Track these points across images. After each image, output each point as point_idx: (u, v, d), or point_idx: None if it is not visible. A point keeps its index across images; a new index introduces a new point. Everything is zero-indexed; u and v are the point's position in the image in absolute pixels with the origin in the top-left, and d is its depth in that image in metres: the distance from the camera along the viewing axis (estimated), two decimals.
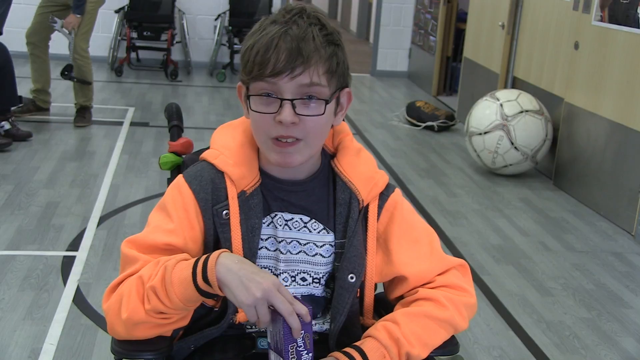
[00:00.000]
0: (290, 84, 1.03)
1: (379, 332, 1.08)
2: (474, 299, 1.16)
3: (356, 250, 1.12)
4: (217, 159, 1.12)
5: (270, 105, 1.05)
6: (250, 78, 1.05)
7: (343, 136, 1.19)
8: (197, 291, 1.00)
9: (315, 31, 1.04)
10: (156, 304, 1.00)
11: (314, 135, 1.07)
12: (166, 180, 1.33)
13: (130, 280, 1.04)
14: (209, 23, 6.67)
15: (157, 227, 1.09)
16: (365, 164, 1.16)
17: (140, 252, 1.07)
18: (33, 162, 3.74)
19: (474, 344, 2.27)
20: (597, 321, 2.50)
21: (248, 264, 1.01)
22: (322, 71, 1.04)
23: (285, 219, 1.13)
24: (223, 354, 1.12)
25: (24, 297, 2.36)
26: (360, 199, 1.14)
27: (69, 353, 2.07)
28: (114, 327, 1.06)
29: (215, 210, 1.09)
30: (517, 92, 4.05)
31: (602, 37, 3.57)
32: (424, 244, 1.16)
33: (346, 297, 1.11)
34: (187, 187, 1.10)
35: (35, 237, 2.84)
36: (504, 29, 4.69)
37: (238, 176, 1.10)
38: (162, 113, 4.95)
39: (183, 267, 1.01)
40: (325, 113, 1.06)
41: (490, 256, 3.00)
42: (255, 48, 1.04)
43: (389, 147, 4.56)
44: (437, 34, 6.25)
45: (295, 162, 1.08)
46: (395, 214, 1.16)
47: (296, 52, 1.01)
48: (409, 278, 1.14)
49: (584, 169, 3.73)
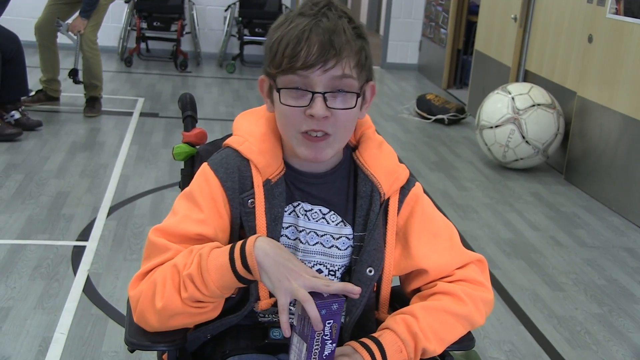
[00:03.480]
0: (322, 77, 1.01)
1: (398, 325, 1.07)
2: (491, 295, 1.16)
3: (376, 243, 1.11)
4: (242, 145, 1.11)
5: (300, 98, 1.03)
6: (279, 71, 1.03)
7: (365, 128, 1.18)
8: (236, 277, 0.99)
9: (345, 24, 1.03)
10: (193, 292, 0.99)
11: (344, 129, 1.07)
12: (179, 170, 1.32)
13: (164, 269, 1.03)
14: (218, 14, 6.65)
15: (186, 217, 1.07)
16: (387, 158, 1.15)
17: (170, 242, 1.06)
18: (43, 152, 3.74)
19: (485, 339, 2.26)
20: (608, 317, 2.48)
21: (284, 250, 1.01)
22: (352, 64, 1.03)
23: (305, 209, 1.12)
24: (235, 344, 1.12)
25: (34, 287, 2.37)
26: (382, 192, 1.13)
27: (80, 342, 2.08)
28: (145, 317, 1.04)
29: (241, 199, 1.08)
30: (529, 85, 4.02)
31: (617, 30, 3.53)
32: (444, 238, 1.16)
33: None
34: (214, 176, 1.09)
35: (45, 227, 2.84)
36: (516, 21, 4.64)
37: (264, 164, 1.09)
38: (171, 104, 4.97)
39: (218, 254, 1.00)
40: (356, 106, 1.05)
41: (501, 250, 2.98)
42: (284, 40, 1.01)
43: (399, 140, 4.54)
44: (448, 27, 6.21)
45: (326, 157, 1.07)
46: (415, 208, 1.15)
47: (329, 44, 1.00)
48: (429, 271, 1.13)
49: (596, 164, 3.70)
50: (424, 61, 6.98)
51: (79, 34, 4.32)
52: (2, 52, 3.84)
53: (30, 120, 4.05)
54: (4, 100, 3.95)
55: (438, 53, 6.46)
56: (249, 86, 5.83)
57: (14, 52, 3.92)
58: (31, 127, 4.03)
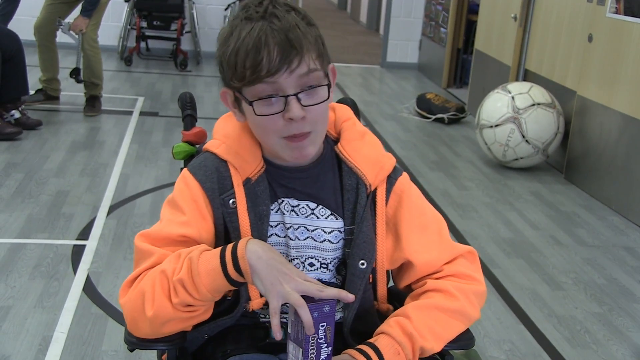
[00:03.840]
0: (290, 79, 0.99)
1: (392, 328, 1.06)
2: (483, 287, 1.15)
3: (366, 236, 1.11)
4: (219, 147, 1.11)
5: (274, 104, 1.01)
6: (244, 83, 1.01)
7: (344, 121, 1.17)
8: (227, 280, 0.98)
9: (295, 17, 1.00)
10: (184, 297, 0.99)
11: (321, 122, 1.07)
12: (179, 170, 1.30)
13: (152, 276, 1.02)
14: (219, 13, 6.64)
15: (169, 221, 1.08)
16: (370, 147, 1.14)
17: (154, 246, 1.05)
18: (43, 151, 3.74)
19: (485, 338, 2.26)
20: (608, 316, 2.48)
21: (275, 253, 1.00)
22: (314, 56, 1.01)
23: (291, 205, 1.12)
24: (236, 344, 1.12)
25: (34, 286, 2.36)
26: (367, 183, 1.12)
27: (80, 341, 2.08)
28: (137, 325, 1.04)
29: (222, 200, 1.08)
30: (529, 84, 4.02)
31: (617, 30, 3.52)
32: (433, 231, 1.15)
33: (358, 284, 1.10)
34: (193, 178, 1.09)
35: (45, 226, 2.84)
36: (516, 20, 4.64)
37: (241, 163, 1.09)
38: (171, 103, 4.97)
39: (209, 257, 0.99)
40: (329, 97, 1.05)
41: (501, 249, 2.98)
42: (241, 51, 0.98)
43: (399, 139, 4.53)
44: (448, 26, 6.20)
45: (311, 154, 1.08)
46: (404, 197, 1.14)
47: (288, 44, 0.98)
48: (417, 266, 1.13)
49: (596, 163, 3.70)
50: (424, 60, 6.97)
51: (80, 33, 4.31)
52: (2, 51, 3.84)
53: (30, 120, 4.04)
54: (4, 99, 3.95)
55: (438, 52, 6.45)
56: None
57: (14, 51, 3.92)
58: (31, 126, 4.03)
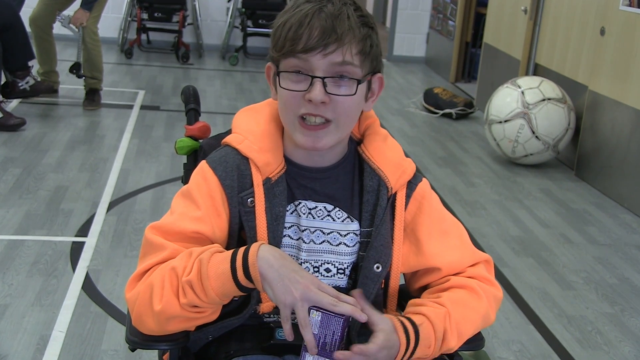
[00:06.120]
0: (322, 62, 1.01)
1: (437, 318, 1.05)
2: (501, 293, 1.16)
3: (384, 239, 1.10)
4: (241, 144, 1.10)
5: (300, 82, 1.03)
6: (281, 54, 1.04)
7: (371, 122, 1.16)
8: (237, 286, 0.98)
9: (350, 11, 1.03)
10: (192, 298, 0.98)
11: (345, 117, 1.05)
12: (182, 165, 1.28)
13: (162, 271, 1.01)
14: (221, 5, 6.58)
15: (183, 215, 1.06)
16: (392, 151, 1.14)
17: (166, 240, 1.04)
18: (41, 146, 3.70)
19: (493, 338, 2.22)
20: (620, 316, 2.43)
21: (288, 260, 0.99)
22: (355, 51, 1.03)
23: (309, 208, 1.10)
24: (240, 345, 1.11)
25: (32, 283, 2.32)
26: (389, 186, 1.12)
27: (79, 340, 2.04)
28: (142, 320, 1.03)
29: (240, 198, 1.07)
30: (539, 79, 3.96)
31: (630, 23, 3.46)
32: (454, 236, 1.16)
33: (371, 287, 1.09)
34: (213, 174, 1.08)
35: (44, 222, 2.80)
36: (526, 13, 4.58)
37: (263, 163, 1.08)
38: (173, 97, 4.92)
39: (220, 261, 0.98)
40: (356, 94, 1.04)
41: (510, 248, 2.93)
42: (287, 24, 1.03)
43: (406, 135, 4.49)
44: (457, 19, 6.14)
45: (325, 146, 1.05)
46: (424, 203, 1.14)
47: (330, 29, 1.01)
48: (442, 268, 1.12)
49: (608, 160, 3.64)
50: (431, 54, 6.91)
51: (81, 27, 4.25)
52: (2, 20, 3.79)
53: (45, 84, 4.19)
54: (12, 67, 3.94)
55: (446, 46, 6.39)
56: (252, 79, 5.77)
57: (12, 18, 3.86)
58: (47, 90, 4.18)
